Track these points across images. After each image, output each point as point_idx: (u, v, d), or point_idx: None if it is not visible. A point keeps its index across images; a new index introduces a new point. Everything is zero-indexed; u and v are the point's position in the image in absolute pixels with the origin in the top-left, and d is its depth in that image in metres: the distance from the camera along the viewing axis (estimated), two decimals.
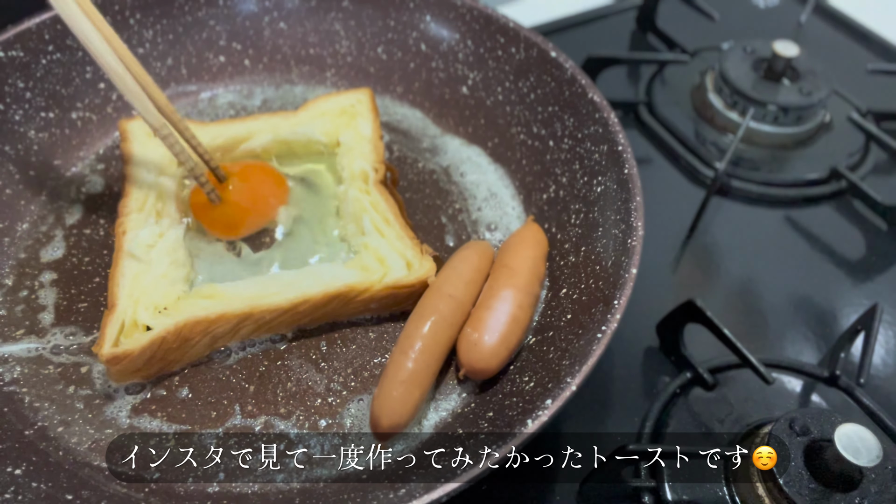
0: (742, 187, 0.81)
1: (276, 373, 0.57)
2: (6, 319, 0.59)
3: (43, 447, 0.52)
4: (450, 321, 0.55)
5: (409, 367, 0.52)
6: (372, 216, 0.62)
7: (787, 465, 0.50)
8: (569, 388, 0.46)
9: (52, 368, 0.56)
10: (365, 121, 0.71)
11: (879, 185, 0.80)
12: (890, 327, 0.69)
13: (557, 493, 0.56)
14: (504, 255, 0.60)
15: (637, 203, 0.57)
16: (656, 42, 1.00)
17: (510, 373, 0.56)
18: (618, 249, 0.56)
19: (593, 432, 0.60)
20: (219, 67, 0.80)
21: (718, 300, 0.71)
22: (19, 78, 0.68)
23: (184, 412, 0.55)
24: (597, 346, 0.48)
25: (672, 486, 0.55)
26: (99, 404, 0.55)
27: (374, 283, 0.57)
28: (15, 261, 0.63)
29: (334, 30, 0.81)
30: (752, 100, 0.83)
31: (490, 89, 0.75)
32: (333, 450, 0.53)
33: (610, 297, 0.52)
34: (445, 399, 0.56)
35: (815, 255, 0.75)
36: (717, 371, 0.63)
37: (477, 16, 0.75)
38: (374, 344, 0.60)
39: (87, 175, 0.71)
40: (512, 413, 0.50)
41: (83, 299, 0.61)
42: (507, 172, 0.73)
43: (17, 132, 0.68)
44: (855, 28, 1.03)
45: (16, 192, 0.67)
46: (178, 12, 0.77)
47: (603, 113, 0.64)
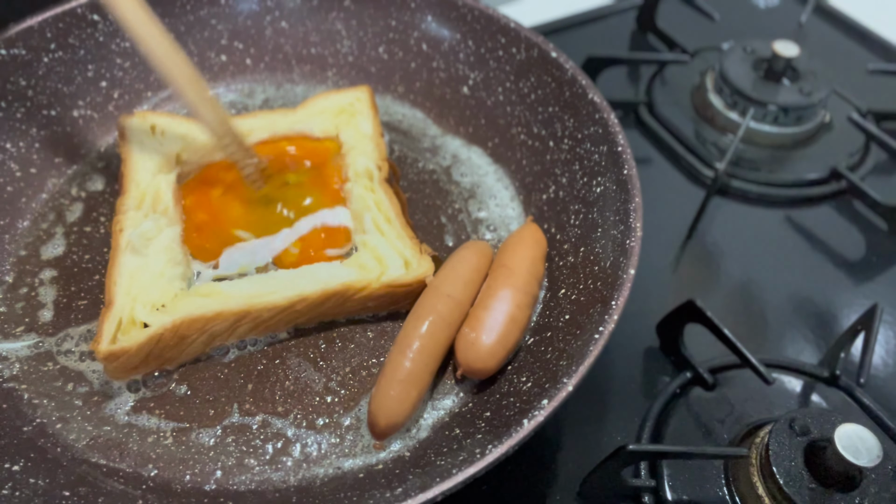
0: (742, 187, 0.81)
1: (275, 371, 0.57)
2: (6, 316, 0.59)
3: (41, 444, 0.52)
4: (448, 321, 0.55)
5: (406, 366, 0.52)
6: (374, 214, 0.62)
7: (788, 465, 0.50)
8: (565, 389, 0.46)
9: (51, 365, 0.57)
10: (365, 119, 0.71)
11: (879, 185, 0.80)
12: (890, 327, 0.69)
13: (557, 493, 0.56)
14: (503, 255, 0.60)
15: (636, 204, 0.57)
16: (656, 42, 1.00)
17: (508, 373, 0.56)
18: (616, 250, 0.56)
19: (593, 432, 0.60)
20: (220, 66, 0.80)
21: (718, 300, 0.71)
22: (21, 76, 0.68)
23: (181, 410, 0.55)
24: (594, 346, 0.48)
25: (672, 486, 0.55)
26: (97, 401, 0.55)
27: (371, 282, 0.57)
28: (15, 258, 0.63)
29: (336, 29, 0.81)
30: (752, 100, 0.83)
31: (491, 89, 0.75)
32: (331, 448, 0.53)
33: (608, 297, 0.52)
34: (443, 398, 0.56)
35: (815, 255, 0.75)
36: (717, 371, 0.63)
37: (478, 16, 0.75)
38: (372, 343, 0.60)
39: (88, 173, 0.71)
40: (509, 413, 0.50)
41: (83, 297, 0.61)
42: (507, 173, 0.73)
43: (19, 130, 0.68)
44: (855, 28, 1.03)
45: (17, 189, 0.67)
46: (180, 11, 0.77)
47: (603, 114, 0.64)
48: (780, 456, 0.50)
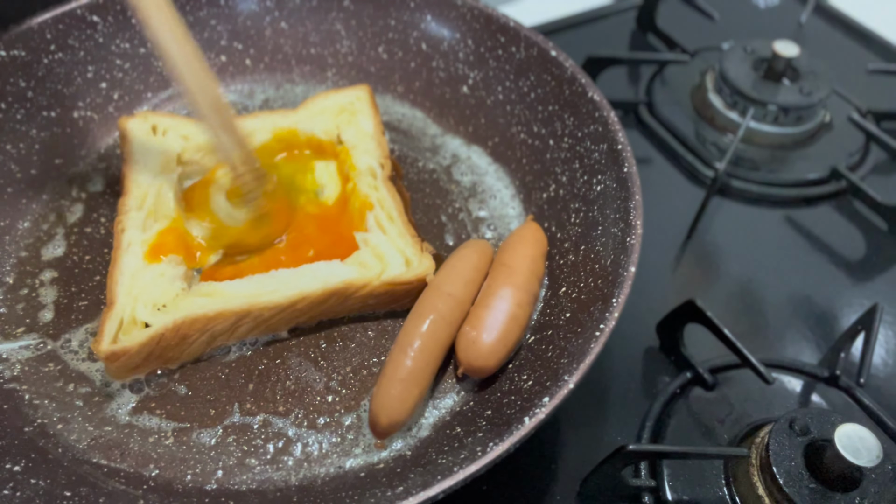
0: (742, 187, 0.81)
1: (275, 371, 0.57)
2: (7, 317, 0.59)
3: (42, 444, 0.52)
4: (449, 319, 0.55)
5: (407, 365, 0.52)
6: (377, 213, 0.62)
7: (788, 465, 0.50)
8: (566, 386, 0.46)
9: (52, 366, 0.57)
10: (366, 117, 0.71)
11: (879, 185, 0.80)
12: (890, 327, 0.69)
13: (557, 493, 0.56)
14: (503, 253, 0.60)
15: (636, 202, 0.57)
16: (656, 42, 1.01)
17: (509, 371, 0.56)
18: (617, 248, 0.56)
19: (593, 432, 0.60)
20: (220, 67, 0.80)
21: (718, 300, 0.71)
22: (21, 77, 0.68)
23: (182, 410, 0.55)
24: (595, 344, 0.48)
25: (672, 486, 0.55)
26: (98, 402, 0.55)
27: (371, 280, 0.57)
28: (16, 259, 0.63)
29: (335, 29, 0.81)
30: (752, 100, 0.83)
31: (490, 88, 0.76)
32: (332, 448, 0.53)
33: (608, 295, 0.52)
34: (444, 397, 0.56)
35: (815, 255, 0.75)
36: (717, 371, 0.63)
37: (477, 15, 0.75)
38: (373, 342, 0.60)
39: (89, 174, 0.71)
40: (510, 411, 0.50)
41: (83, 297, 0.61)
42: (508, 171, 0.73)
43: (19, 131, 0.68)
44: (855, 28, 1.03)
45: (17, 190, 0.67)
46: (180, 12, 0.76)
47: (603, 112, 0.64)
48: (780, 456, 0.50)
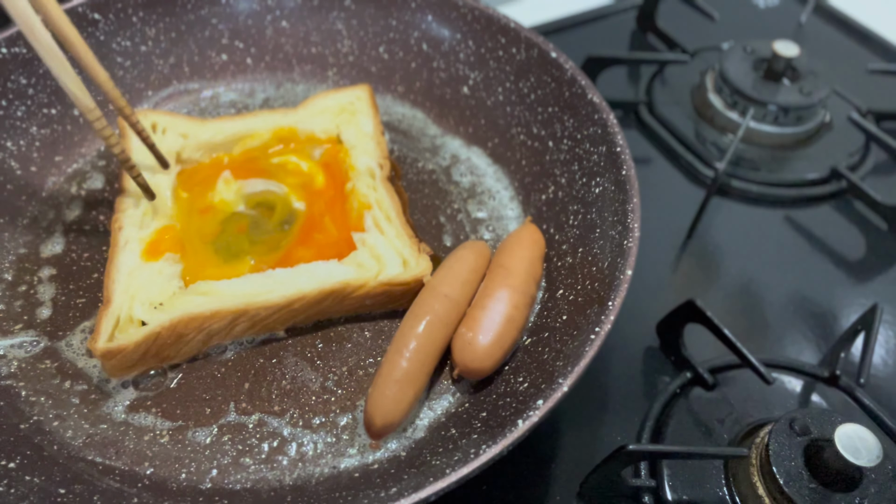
0: (742, 187, 0.81)
1: (271, 370, 0.57)
2: (4, 314, 0.59)
3: (37, 441, 0.52)
4: (445, 321, 0.55)
5: (403, 366, 0.52)
6: (375, 213, 0.62)
7: (788, 465, 0.49)
8: (560, 389, 0.46)
9: (49, 363, 0.57)
10: (366, 117, 0.71)
11: (879, 185, 0.80)
12: (890, 327, 0.68)
13: (557, 493, 0.56)
14: (501, 255, 0.60)
15: (634, 204, 0.56)
16: (656, 42, 1.00)
17: (505, 373, 0.56)
18: (614, 251, 0.55)
19: (593, 432, 0.60)
20: (221, 66, 0.80)
21: (718, 300, 0.70)
22: (22, 74, 0.68)
23: (178, 408, 0.54)
24: (590, 347, 0.48)
25: (672, 486, 0.54)
26: (94, 399, 0.55)
27: (368, 280, 0.57)
28: (15, 256, 0.63)
29: (336, 29, 0.81)
30: (752, 100, 0.83)
31: (491, 89, 0.75)
32: (327, 448, 0.53)
33: (605, 298, 0.52)
34: (439, 398, 0.56)
35: (815, 255, 0.75)
36: (717, 371, 0.63)
37: (478, 16, 0.75)
38: (369, 343, 0.60)
39: (88, 171, 0.71)
40: (505, 413, 0.50)
41: (81, 295, 0.61)
42: (507, 173, 0.73)
43: (19, 128, 0.68)
44: (855, 28, 1.03)
45: (17, 187, 0.67)
46: (181, 10, 0.77)
47: (602, 114, 0.64)
48: (780, 456, 0.50)
